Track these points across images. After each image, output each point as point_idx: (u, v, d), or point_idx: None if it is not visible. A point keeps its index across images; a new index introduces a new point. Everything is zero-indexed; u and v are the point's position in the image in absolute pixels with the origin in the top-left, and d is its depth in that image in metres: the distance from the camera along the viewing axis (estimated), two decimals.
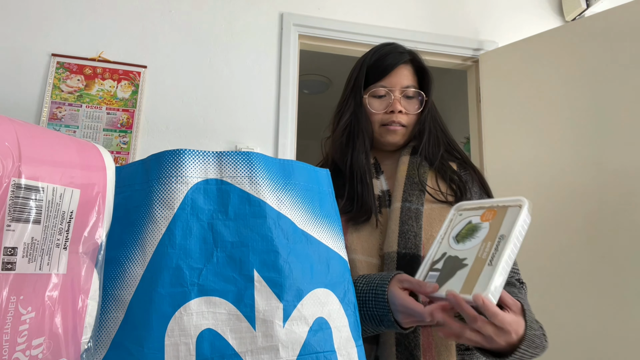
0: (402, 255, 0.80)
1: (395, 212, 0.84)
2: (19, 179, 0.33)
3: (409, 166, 0.89)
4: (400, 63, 0.93)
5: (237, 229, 0.47)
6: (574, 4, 2.28)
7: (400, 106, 0.90)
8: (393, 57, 0.93)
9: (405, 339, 0.75)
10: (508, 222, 0.61)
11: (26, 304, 0.33)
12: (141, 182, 0.48)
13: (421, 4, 2.26)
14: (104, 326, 0.45)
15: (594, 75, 1.79)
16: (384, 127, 0.90)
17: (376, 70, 0.93)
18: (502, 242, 0.59)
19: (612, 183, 1.67)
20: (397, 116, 0.89)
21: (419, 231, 0.82)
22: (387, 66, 0.92)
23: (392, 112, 0.90)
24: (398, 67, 0.92)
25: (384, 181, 0.91)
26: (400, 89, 0.91)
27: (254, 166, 0.49)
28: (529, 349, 0.65)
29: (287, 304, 0.46)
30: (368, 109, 0.92)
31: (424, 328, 0.76)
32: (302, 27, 2.08)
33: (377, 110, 0.91)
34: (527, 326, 0.63)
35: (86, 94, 1.81)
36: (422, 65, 0.96)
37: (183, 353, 0.42)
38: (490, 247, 0.60)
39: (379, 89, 0.91)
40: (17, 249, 0.33)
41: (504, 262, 0.57)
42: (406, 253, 0.80)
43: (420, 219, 0.83)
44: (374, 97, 0.92)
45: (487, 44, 2.27)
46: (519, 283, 0.86)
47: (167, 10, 1.97)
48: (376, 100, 0.92)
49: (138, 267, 0.45)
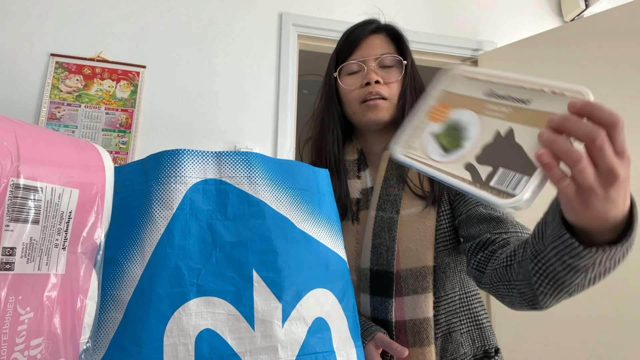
0: (374, 272, 0.77)
1: (369, 223, 0.79)
2: (18, 179, 0.33)
3: (389, 163, 0.81)
4: (368, 33, 0.83)
5: (236, 229, 0.47)
6: (573, 5, 2.28)
7: (376, 76, 0.79)
8: (360, 29, 0.85)
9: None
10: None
11: (25, 304, 0.33)
12: (140, 182, 0.48)
13: (420, 4, 2.27)
14: (103, 326, 0.45)
15: (593, 76, 1.79)
16: (364, 105, 0.80)
17: (344, 48, 0.85)
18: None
19: None
20: (374, 87, 0.79)
21: (391, 244, 0.75)
22: (355, 39, 0.83)
23: (369, 84, 0.79)
24: (367, 38, 0.84)
25: (369, 177, 0.84)
26: (374, 58, 0.81)
27: (253, 166, 0.49)
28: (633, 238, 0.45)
29: (286, 304, 0.46)
30: (343, 89, 0.83)
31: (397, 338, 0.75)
32: (301, 27, 2.08)
33: (352, 87, 0.81)
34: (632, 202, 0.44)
35: (85, 94, 1.81)
36: (395, 31, 0.86)
37: (182, 353, 0.42)
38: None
39: (349, 64, 0.83)
40: (16, 249, 0.32)
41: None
42: (378, 270, 0.76)
43: (394, 229, 0.76)
44: (347, 75, 0.83)
45: (486, 44, 2.27)
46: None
47: (166, 10, 1.97)
48: (349, 77, 0.83)
49: (137, 267, 0.45)
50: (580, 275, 0.49)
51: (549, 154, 0.39)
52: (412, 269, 0.75)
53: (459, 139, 0.49)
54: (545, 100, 0.44)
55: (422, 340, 0.72)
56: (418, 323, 0.73)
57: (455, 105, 0.51)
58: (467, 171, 0.45)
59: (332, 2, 2.15)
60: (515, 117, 0.46)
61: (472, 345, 0.76)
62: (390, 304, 0.75)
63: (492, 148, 0.45)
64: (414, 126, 0.52)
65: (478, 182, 0.44)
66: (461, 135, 0.49)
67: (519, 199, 0.40)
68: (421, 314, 0.73)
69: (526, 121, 0.44)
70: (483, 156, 0.45)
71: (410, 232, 0.76)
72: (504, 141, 0.45)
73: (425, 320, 0.73)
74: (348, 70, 0.83)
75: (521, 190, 0.41)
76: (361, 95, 0.80)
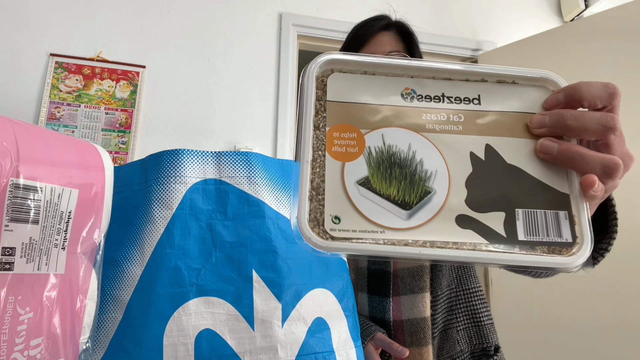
0: (372, 271, 0.77)
1: None
2: (17, 179, 0.33)
3: None
4: (377, 29, 0.81)
5: (236, 229, 0.47)
6: (573, 5, 2.28)
7: None
8: (370, 25, 0.83)
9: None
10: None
11: (24, 304, 0.33)
12: (139, 182, 0.48)
13: (420, 5, 2.27)
14: (103, 326, 0.45)
15: (592, 76, 1.79)
16: None
17: (352, 42, 0.83)
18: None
19: None
20: None
21: None
22: (364, 34, 0.82)
23: None
24: (377, 34, 0.82)
25: None
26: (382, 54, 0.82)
27: (252, 166, 0.49)
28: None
29: (286, 304, 0.46)
30: None
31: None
32: (301, 27, 2.08)
33: None
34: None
35: (85, 93, 1.81)
36: (406, 29, 0.84)
37: (181, 353, 0.42)
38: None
39: None
40: (15, 249, 0.32)
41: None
42: (376, 269, 0.77)
43: None
44: None
45: (486, 45, 2.27)
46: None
47: (166, 10, 1.96)
48: None
49: (136, 267, 0.45)
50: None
51: (591, 176, 0.30)
52: (409, 267, 0.75)
53: (419, 181, 0.31)
54: (501, 94, 0.34)
55: (419, 340, 0.72)
56: (415, 323, 0.73)
57: (364, 122, 0.32)
58: (468, 230, 0.30)
59: (332, 2, 2.15)
60: (477, 127, 0.32)
61: (469, 343, 0.76)
62: (388, 304, 0.75)
63: (480, 181, 0.31)
64: (308, 181, 0.31)
65: (501, 243, 0.29)
66: (413, 172, 0.31)
67: (583, 246, 0.29)
68: (418, 313, 0.73)
69: (496, 130, 0.32)
70: (476, 197, 0.30)
71: None
72: (490, 166, 0.31)
73: (423, 320, 0.73)
74: None
75: (570, 232, 0.29)
76: None
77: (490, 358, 0.76)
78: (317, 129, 0.32)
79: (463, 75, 0.34)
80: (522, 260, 0.28)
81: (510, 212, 0.30)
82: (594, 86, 0.32)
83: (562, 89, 0.33)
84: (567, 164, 0.31)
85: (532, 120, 0.33)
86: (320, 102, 0.33)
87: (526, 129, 0.32)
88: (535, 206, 0.30)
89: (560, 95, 0.33)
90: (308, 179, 0.30)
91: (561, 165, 0.31)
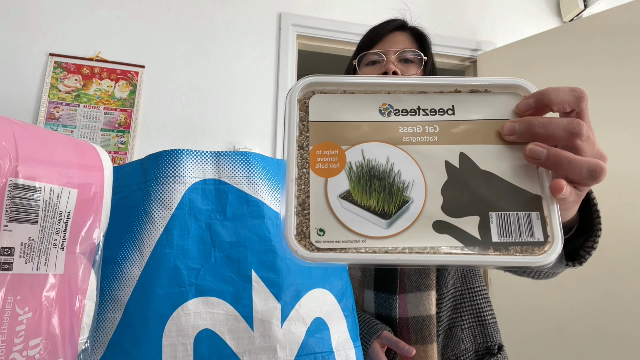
0: (379, 268, 0.78)
1: None
2: (16, 179, 0.33)
3: None
4: (391, 29, 0.86)
5: (235, 229, 0.47)
6: (572, 5, 2.28)
7: (394, 67, 0.80)
8: (383, 25, 0.87)
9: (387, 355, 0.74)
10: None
11: (23, 305, 0.33)
12: (139, 182, 0.48)
13: (419, 5, 2.27)
14: (102, 327, 0.45)
15: (592, 76, 1.79)
16: None
17: (366, 40, 0.87)
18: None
19: (610, 183, 1.67)
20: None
21: None
22: (377, 33, 0.86)
23: (386, 74, 0.79)
24: (390, 34, 0.86)
25: None
26: (394, 51, 0.83)
27: (252, 166, 0.49)
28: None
29: (285, 304, 0.46)
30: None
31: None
32: (300, 27, 2.08)
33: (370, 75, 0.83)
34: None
35: (84, 93, 1.81)
36: (419, 31, 0.88)
37: (181, 353, 0.42)
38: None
39: (369, 54, 0.85)
40: (14, 249, 0.32)
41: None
42: (383, 267, 0.78)
43: None
44: (366, 65, 0.85)
45: (485, 45, 2.28)
46: None
47: (165, 10, 1.96)
48: (369, 67, 0.85)
49: (135, 267, 0.45)
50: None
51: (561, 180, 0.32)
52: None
53: (397, 191, 0.33)
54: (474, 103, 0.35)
55: (424, 337, 0.73)
56: (421, 320, 0.74)
57: (345, 139, 0.34)
58: (445, 235, 0.31)
59: (332, 2, 2.15)
60: (451, 136, 0.34)
61: (473, 342, 0.77)
62: (395, 301, 0.75)
63: (455, 188, 0.32)
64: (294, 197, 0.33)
65: (476, 246, 0.31)
66: (391, 184, 0.33)
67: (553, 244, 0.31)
68: (424, 311, 0.74)
69: (469, 139, 0.34)
70: (451, 203, 0.32)
71: None
72: (465, 173, 0.33)
73: (428, 317, 0.74)
74: (367, 60, 0.85)
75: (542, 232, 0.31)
76: None
77: (494, 357, 0.77)
78: (301, 149, 0.34)
79: (437, 88, 0.36)
80: (495, 261, 0.30)
81: (485, 215, 0.32)
82: (561, 91, 0.34)
83: (532, 95, 0.35)
84: (555, 168, 0.33)
85: (503, 127, 0.34)
86: (304, 122, 0.35)
87: (498, 136, 0.34)
88: (508, 209, 0.32)
89: (530, 101, 0.35)
90: (294, 196, 0.33)
91: (549, 169, 0.33)
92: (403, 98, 0.35)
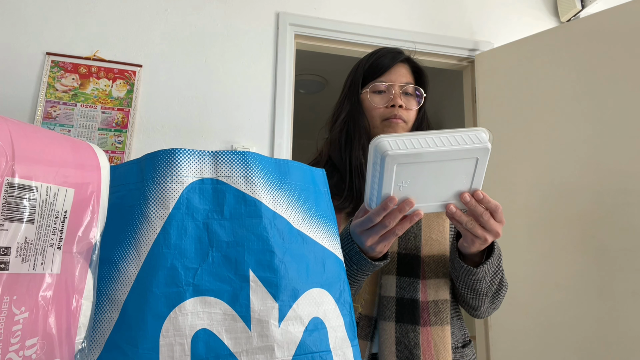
0: (402, 255, 0.85)
1: None
2: (13, 178, 0.33)
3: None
4: (397, 61, 0.96)
5: (233, 228, 0.47)
6: (569, 5, 2.29)
7: (401, 101, 0.91)
8: (391, 56, 0.96)
9: (405, 337, 0.79)
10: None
11: (19, 304, 0.33)
12: (136, 182, 0.48)
13: (417, 5, 2.27)
14: (98, 326, 0.45)
15: (589, 76, 1.80)
16: (386, 122, 0.92)
17: (374, 69, 0.96)
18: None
19: (609, 183, 1.68)
20: (398, 110, 0.91)
21: (418, 232, 0.86)
22: (386, 64, 0.95)
23: (394, 107, 0.91)
24: (396, 65, 0.95)
25: None
26: (400, 85, 0.93)
27: (249, 166, 0.49)
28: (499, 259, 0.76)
29: (283, 304, 0.46)
30: (368, 104, 0.94)
31: (423, 327, 0.80)
32: (298, 27, 2.08)
33: (379, 105, 0.93)
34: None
35: (81, 93, 1.80)
36: (417, 65, 0.99)
37: (178, 353, 0.42)
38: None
39: (379, 84, 0.94)
40: (11, 249, 0.32)
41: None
42: (407, 254, 0.85)
43: (420, 221, 0.86)
44: (374, 93, 0.94)
45: (483, 45, 2.28)
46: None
47: (163, 9, 1.96)
48: (377, 95, 0.94)
49: (132, 267, 0.45)
50: (482, 281, 0.77)
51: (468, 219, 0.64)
52: (434, 255, 0.85)
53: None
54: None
55: (442, 319, 0.81)
56: (440, 304, 0.82)
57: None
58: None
59: (330, 2, 2.15)
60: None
61: (460, 331, 0.89)
62: (418, 284, 0.83)
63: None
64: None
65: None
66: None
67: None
68: (442, 295, 0.83)
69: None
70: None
71: (432, 225, 0.87)
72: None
73: (445, 301, 0.83)
74: (375, 89, 0.95)
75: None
76: (385, 114, 0.92)
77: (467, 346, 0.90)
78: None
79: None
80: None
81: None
82: (489, 200, 0.64)
83: (473, 198, 0.63)
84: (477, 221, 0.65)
85: (449, 207, 0.64)
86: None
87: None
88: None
89: (472, 199, 0.63)
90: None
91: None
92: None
